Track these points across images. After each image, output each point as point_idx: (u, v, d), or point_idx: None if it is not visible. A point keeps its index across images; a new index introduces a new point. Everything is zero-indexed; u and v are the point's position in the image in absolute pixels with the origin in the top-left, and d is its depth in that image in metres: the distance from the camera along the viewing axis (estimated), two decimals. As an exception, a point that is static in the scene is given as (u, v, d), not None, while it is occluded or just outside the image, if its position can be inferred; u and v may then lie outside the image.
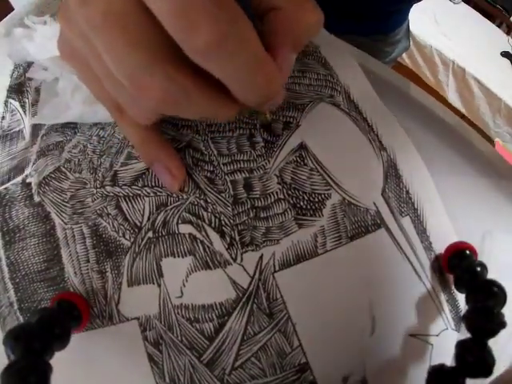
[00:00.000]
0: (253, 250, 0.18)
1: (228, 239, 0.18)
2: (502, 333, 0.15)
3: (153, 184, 0.20)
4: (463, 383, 0.15)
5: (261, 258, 0.18)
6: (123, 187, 0.20)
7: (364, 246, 0.19)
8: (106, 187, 0.20)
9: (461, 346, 0.16)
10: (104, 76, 0.15)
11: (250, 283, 0.18)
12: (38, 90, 0.24)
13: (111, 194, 0.20)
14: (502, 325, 0.16)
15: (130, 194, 0.19)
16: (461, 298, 0.19)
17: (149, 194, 0.19)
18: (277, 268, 0.18)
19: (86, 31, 0.13)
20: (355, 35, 0.49)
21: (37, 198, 0.21)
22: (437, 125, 0.22)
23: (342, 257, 0.19)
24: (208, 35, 0.11)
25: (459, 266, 0.19)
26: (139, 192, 0.19)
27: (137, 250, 0.19)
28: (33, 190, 0.21)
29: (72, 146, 0.22)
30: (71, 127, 0.23)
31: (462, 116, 1.54)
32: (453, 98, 1.51)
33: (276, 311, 0.18)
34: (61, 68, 0.22)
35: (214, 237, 0.18)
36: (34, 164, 0.22)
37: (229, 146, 0.20)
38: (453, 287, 0.19)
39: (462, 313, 0.19)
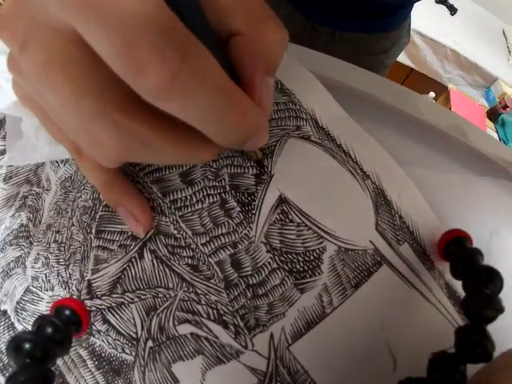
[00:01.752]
0: (261, 332, 0.17)
1: (232, 328, 0.17)
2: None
3: (133, 288, 0.18)
4: (464, 369, 0.16)
5: (271, 337, 0.17)
6: (103, 298, 0.18)
7: (370, 289, 0.18)
8: (86, 301, 0.18)
9: (460, 332, 0.16)
10: (58, 122, 0.13)
11: (268, 365, 0.17)
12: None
13: (93, 309, 0.18)
14: (500, 310, 0.16)
15: (113, 305, 0.18)
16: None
17: (133, 299, 0.18)
18: (290, 341, 0.17)
19: (31, 79, 0.12)
20: (357, 32, 0.46)
21: (19, 326, 0.19)
22: (431, 133, 0.20)
23: (351, 309, 0.18)
24: (157, 75, 0.10)
25: (455, 254, 0.18)
26: (122, 300, 0.18)
27: (142, 362, 0.18)
28: (12, 319, 0.19)
29: (33, 260, 0.20)
30: (25, 236, 0.20)
31: (411, 70, 1.55)
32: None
33: (300, 382, 0.17)
34: (20, 113, 0.20)
35: (217, 330, 0.17)
36: (1, 288, 0.20)
37: (202, 222, 0.18)
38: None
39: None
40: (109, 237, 0.18)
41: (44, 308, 0.19)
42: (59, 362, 0.18)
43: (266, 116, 0.14)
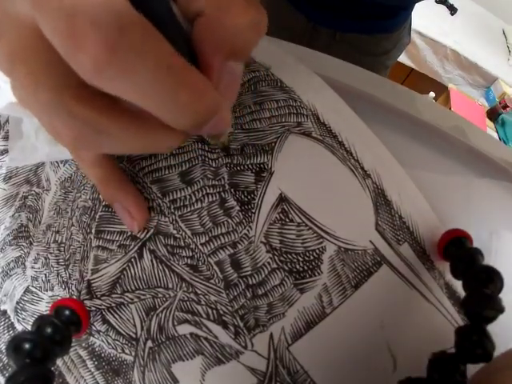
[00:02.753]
0: (261, 332, 0.17)
1: (232, 328, 0.17)
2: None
3: (133, 288, 0.18)
4: (464, 369, 0.16)
5: (271, 337, 0.17)
6: (103, 298, 0.18)
7: (370, 289, 0.18)
8: (85, 301, 0.18)
9: (460, 332, 0.16)
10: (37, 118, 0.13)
11: (268, 365, 0.17)
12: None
13: (93, 309, 0.18)
14: (500, 310, 0.16)
15: (113, 305, 0.18)
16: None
17: (132, 300, 0.18)
18: (290, 342, 0.17)
19: (5, 73, 0.12)
20: (358, 33, 0.46)
21: (19, 326, 0.19)
22: (431, 133, 0.20)
23: (351, 309, 0.18)
24: (93, 50, 0.09)
25: (455, 254, 0.18)
26: (121, 300, 0.18)
27: (142, 362, 0.17)
28: (11, 319, 0.19)
29: (33, 261, 0.19)
30: (24, 237, 0.20)
31: (411, 70, 1.55)
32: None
33: (300, 382, 0.17)
34: (20, 113, 0.20)
35: (217, 330, 0.17)
36: (0, 288, 0.20)
37: (202, 221, 0.18)
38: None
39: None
40: (108, 237, 0.18)
41: (44, 308, 0.19)
42: (59, 362, 0.18)
43: (227, 101, 0.13)
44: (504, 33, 1.73)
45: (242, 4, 0.12)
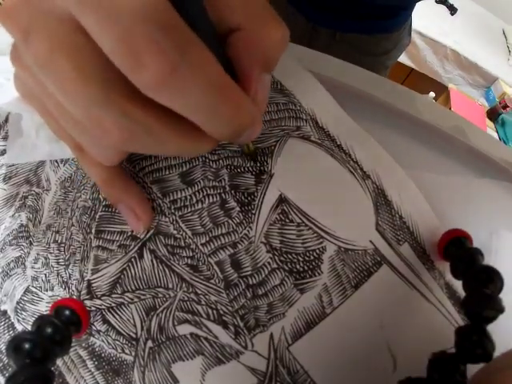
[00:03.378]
0: (261, 332, 0.17)
1: (232, 329, 0.17)
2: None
3: (133, 288, 0.18)
4: (464, 369, 0.16)
5: (271, 337, 0.17)
6: (103, 298, 0.18)
7: (370, 289, 0.18)
8: (85, 301, 0.18)
9: (460, 332, 0.16)
10: (59, 115, 0.14)
11: (268, 365, 0.17)
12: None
13: (93, 309, 0.18)
14: (500, 310, 0.16)
15: (113, 305, 0.18)
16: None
17: (132, 299, 0.18)
18: (290, 341, 0.17)
19: (34, 69, 0.12)
20: (358, 33, 0.47)
21: (19, 326, 0.19)
22: (431, 133, 0.20)
23: (351, 309, 0.18)
24: (155, 69, 0.10)
25: (455, 254, 0.18)
26: (122, 300, 0.18)
27: (142, 362, 0.17)
28: (12, 319, 0.19)
29: (33, 261, 0.19)
30: (24, 237, 0.20)
31: (411, 70, 1.55)
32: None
33: (300, 382, 0.17)
34: (21, 110, 0.20)
35: (217, 330, 0.17)
36: (0, 288, 0.20)
37: (202, 222, 0.18)
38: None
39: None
40: (108, 237, 0.18)
41: (44, 308, 0.19)
42: (59, 362, 0.18)
43: (260, 111, 0.14)
44: (504, 33, 1.73)
45: (276, 20, 0.13)
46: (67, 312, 0.16)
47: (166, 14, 0.10)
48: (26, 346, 0.14)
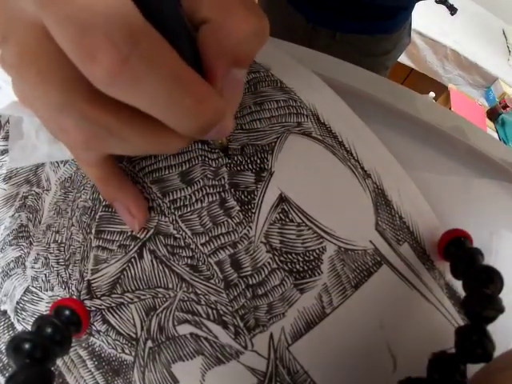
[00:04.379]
0: (261, 332, 0.17)
1: (232, 329, 0.17)
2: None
3: (133, 288, 0.18)
4: (464, 369, 0.16)
5: (271, 337, 0.17)
6: (103, 298, 0.18)
7: (370, 289, 0.18)
8: (85, 301, 0.18)
9: (460, 332, 0.16)
10: (37, 116, 0.13)
11: (268, 365, 0.17)
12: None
13: (93, 309, 0.18)
14: (500, 310, 0.16)
15: (113, 305, 0.18)
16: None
17: (132, 300, 0.18)
18: (290, 341, 0.17)
19: (11, 72, 0.12)
20: (358, 34, 0.46)
21: (19, 326, 0.19)
22: (431, 133, 0.20)
23: (351, 309, 0.18)
24: (106, 62, 0.09)
25: (455, 254, 0.18)
26: (121, 300, 0.18)
27: (142, 363, 0.17)
28: (11, 319, 0.19)
29: (33, 261, 0.19)
30: (24, 237, 0.20)
31: (411, 70, 1.55)
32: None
33: (300, 382, 0.17)
34: (21, 112, 0.20)
35: (217, 330, 0.17)
36: (0, 288, 0.20)
37: (202, 221, 0.18)
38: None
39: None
40: (108, 237, 0.18)
41: (44, 308, 0.19)
42: (59, 362, 0.18)
43: (231, 108, 0.13)
44: (504, 33, 1.73)
45: (243, 12, 0.12)
46: (67, 312, 0.17)
47: (123, 8, 0.09)
48: (26, 346, 0.14)
